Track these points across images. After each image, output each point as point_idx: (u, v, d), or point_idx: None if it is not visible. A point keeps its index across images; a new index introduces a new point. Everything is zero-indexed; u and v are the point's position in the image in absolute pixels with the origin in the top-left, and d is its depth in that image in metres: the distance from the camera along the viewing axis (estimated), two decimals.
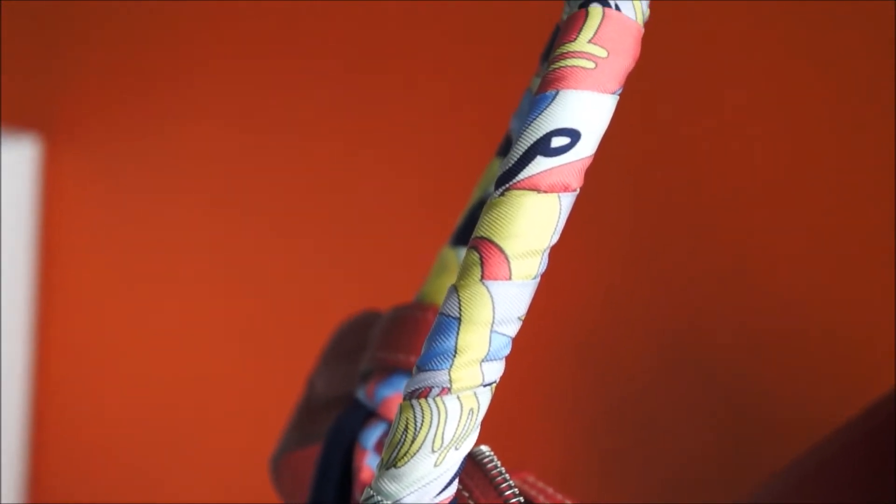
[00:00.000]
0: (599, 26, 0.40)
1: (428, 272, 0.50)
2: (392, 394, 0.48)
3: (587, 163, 0.39)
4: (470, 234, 0.47)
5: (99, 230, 0.97)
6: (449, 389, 0.38)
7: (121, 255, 0.96)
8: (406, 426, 0.38)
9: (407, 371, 0.48)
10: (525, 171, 0.38)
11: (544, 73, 0.40)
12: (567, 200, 0.39)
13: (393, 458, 0.38)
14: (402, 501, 0.38)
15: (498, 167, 0.44)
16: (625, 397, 0.79)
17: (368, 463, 0.47)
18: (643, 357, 0.78)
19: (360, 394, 0.49)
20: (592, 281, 0.79)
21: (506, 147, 0.48)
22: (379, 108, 0.83)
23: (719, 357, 0.77)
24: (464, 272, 0.38)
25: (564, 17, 0.42)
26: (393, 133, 0.82)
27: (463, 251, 0.48)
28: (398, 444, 0.38)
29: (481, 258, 0.38)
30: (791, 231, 0.76)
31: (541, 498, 0.45)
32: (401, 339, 0.49)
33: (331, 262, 0.85)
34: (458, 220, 0.50)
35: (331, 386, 0.51)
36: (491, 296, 0.38)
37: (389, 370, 0.48)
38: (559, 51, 0.40)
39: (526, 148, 0.38)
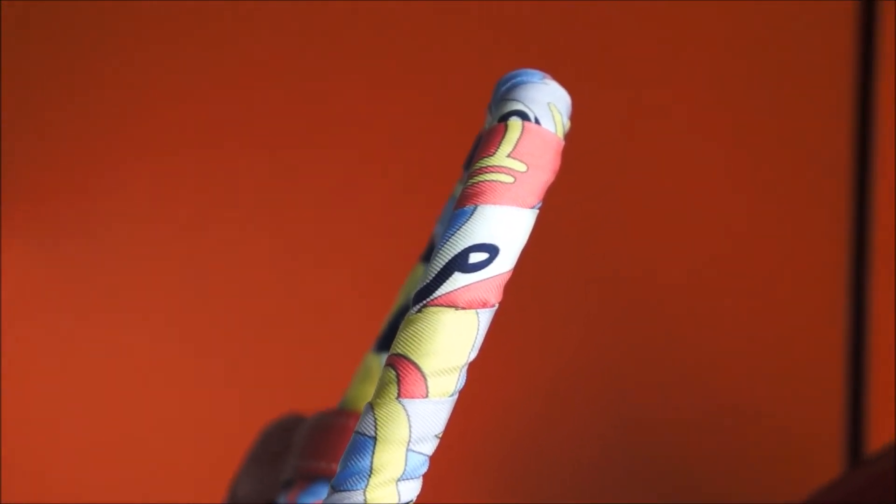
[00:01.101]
0: (519, 140, 0.40)
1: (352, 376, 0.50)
2: (314, 503, 0.47)
3: (506, 278, 0.39)
4: (393, 339, 0.47)
5: (47, 312, 0.96)
6: None
7: (67, 334, 0.95)
8: None
9: (329, 480, 0.47)
10: (442, 287, 0.38)
11: (463, 187, 0.39)
12: (485, 316, 0.38)
13: None
14: None
15: (421, 274, 0.44)
16: (565, 490, 0.78)
17: None
18: (581, 448, 0.78)
19: (282, 502, 0.48)
20: (535, 368, 0.79)
21: (429, 252, 0.48)
22: (303, 213, 0.82)
23: (659, 443, 0.77)
24: (380, 390, 0.38)
25: (487, 127, 0.42)
26: (320, 233, 0.82)
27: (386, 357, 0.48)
28: None
29: (398, 376, 0.37)
30: (733, 317, 0.76)
31: None
32: (323, 447, 0.48)
33: (257, 359, 0.85)
34: (381, 325, 0.49)
35: (252, 492, 0.50)
36: (407, 414, 0.37)
37: (311, 479, 0.48)
38: (478, 165, 0.39)
39: (443, 264, 0.38)
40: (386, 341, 0.49)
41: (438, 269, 0.38)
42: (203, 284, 0.87)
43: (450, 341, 0.38)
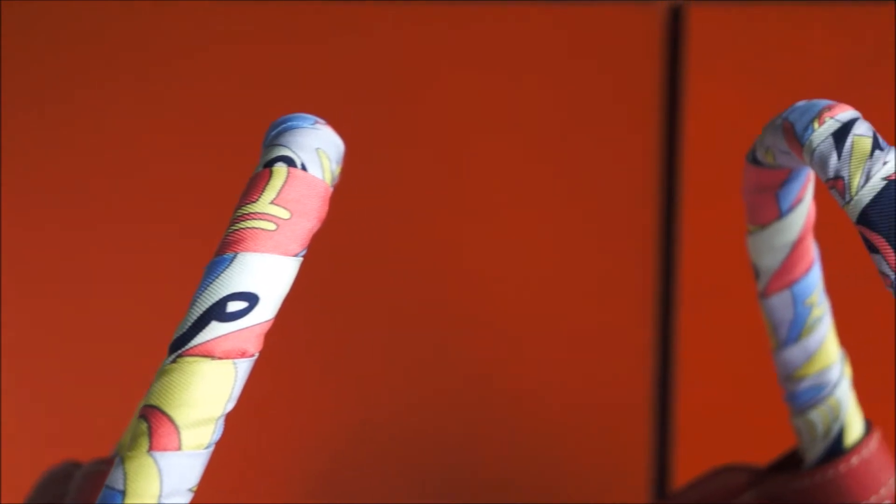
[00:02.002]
0: (283, 187, 0.39)
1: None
2: None
3: (266, 327, 0.38)
4: None
5: None
6: None
7: None
8: None
9: None
10: (198, 336, 0.37)
11: (224, 234, 0.39)
12: (244, 366, 0.38)
13: None
14: None
15: None
16: None
17: None
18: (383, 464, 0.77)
19: None
20: (341, 384, 0.78)
21: None
22: (98, 246, 0.80)
23: (457, 475, 0.76)
24: (132, 442, 0.37)
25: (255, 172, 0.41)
26: (113, 273, 0.80)
27: None
28: None
29: (149, 428, 0.36)
30: (533, 345, 0.76)
31: None
32: (95, 496, 0.47)
33: (37, 406, 0.81)
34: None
35: None
36: (158, 468, 0.36)
37: None
38: (240, 212, 0.39)
39: (200, 313, 0.37)
40: None
41: (195, 318, 0.37)
42: None
43: (205, 392, 0.37)
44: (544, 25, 0.75)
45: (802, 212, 0.50)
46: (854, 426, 0.54)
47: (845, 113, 0.43)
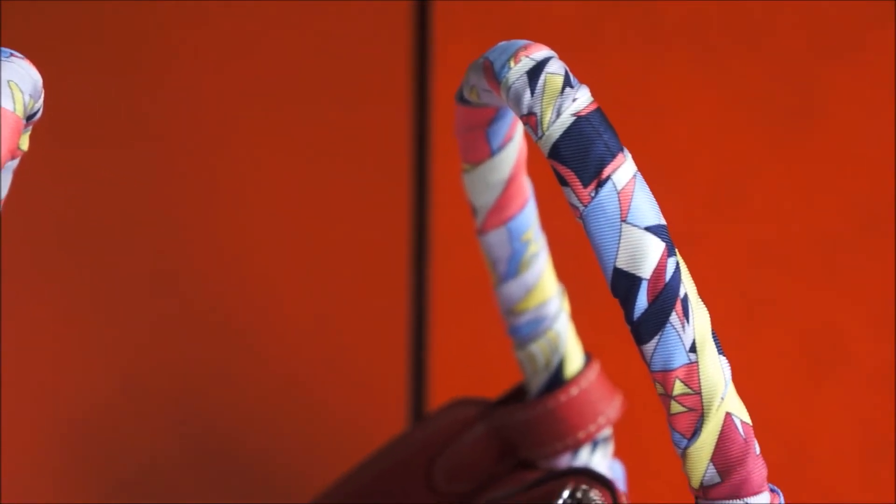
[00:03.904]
0: None
1: None
2: None
3: None
4: None
5: None
6: None
7: None
8: None
9: None
10: None
11: None
12: None
13: None
14: None
15: None
16: None
17: None
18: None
19: None
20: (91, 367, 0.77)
21: None
22: None
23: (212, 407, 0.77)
24: None
25: None
26: None
27: None
28: None
29: None
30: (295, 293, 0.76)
31: None
32: None
33: None
34: None
35: None
36: None
37: None
38: None
39: None
40: None
41: None
42: None
43: None
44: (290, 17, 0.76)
45: (513, 150, 0.51)
46: (573, 358, 0.56)
47: (540, 52, 0.44)
